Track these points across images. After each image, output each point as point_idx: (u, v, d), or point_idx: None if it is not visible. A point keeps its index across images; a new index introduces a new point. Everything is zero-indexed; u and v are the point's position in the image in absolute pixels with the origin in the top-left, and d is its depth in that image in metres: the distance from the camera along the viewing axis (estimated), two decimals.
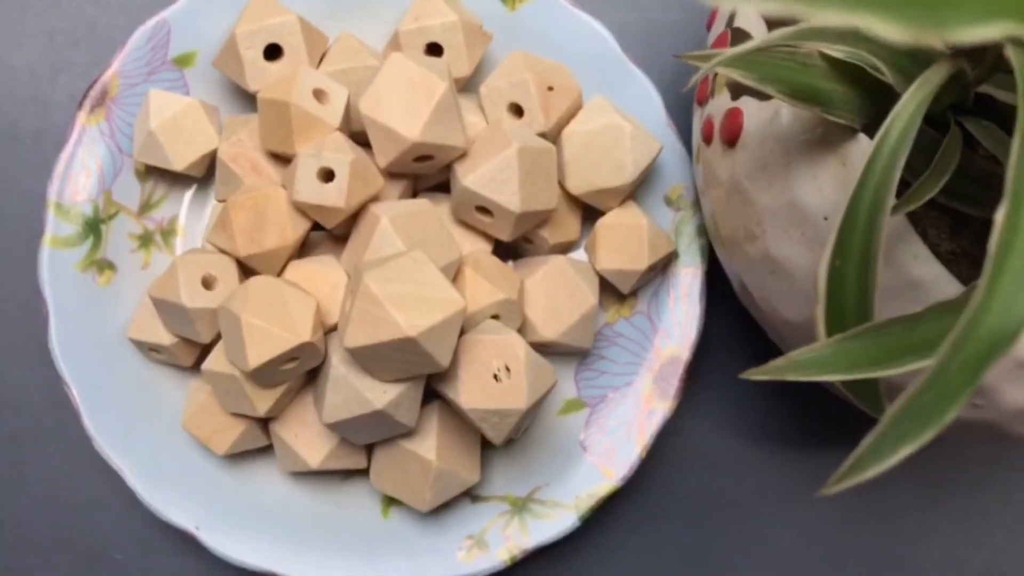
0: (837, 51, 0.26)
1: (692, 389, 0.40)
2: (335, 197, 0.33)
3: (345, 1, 0.38)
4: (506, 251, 0.39)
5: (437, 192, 0.38)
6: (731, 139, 0.32)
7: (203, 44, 0.37)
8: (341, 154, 0.33)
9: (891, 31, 0.12)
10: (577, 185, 0.37)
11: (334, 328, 0.34)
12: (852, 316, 0.25)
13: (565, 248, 0.39)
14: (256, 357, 0.31)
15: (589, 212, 0.39)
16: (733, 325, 0.41)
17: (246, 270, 0.35)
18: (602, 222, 0.38)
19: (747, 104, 0.32)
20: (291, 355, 0.32)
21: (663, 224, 0.39)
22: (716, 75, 0.34)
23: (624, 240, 0.37)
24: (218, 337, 0.34)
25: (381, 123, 0.33)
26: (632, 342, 0.39)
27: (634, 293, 0.39)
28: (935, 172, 0.26)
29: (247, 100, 0.38)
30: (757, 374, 0.23)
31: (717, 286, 0.39)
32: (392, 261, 0.31)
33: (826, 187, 0.29)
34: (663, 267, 0.39)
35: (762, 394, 0.41)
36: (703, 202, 0.36)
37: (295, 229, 0.34)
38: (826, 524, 0.40)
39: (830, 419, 0.41)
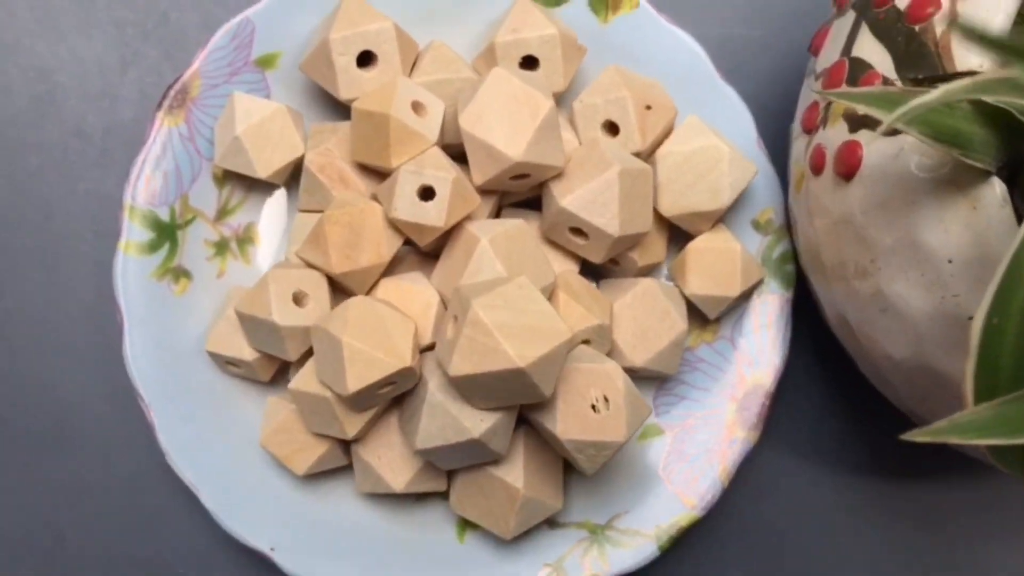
0: (992, 98, 0.25)
1: (771, 416, 0.39)
2: (435, 216, 0.32)
3: (432, 7, 0.37)
4: (591, 270, 0.38)
5: (523, 209, 0.37)
6: (848, 173, 0.31)
7: (287, 46, 0.36)
8: (443, 172, 0.32)
9: None
10: (670, 207, 0.36)
11: (427, 349, 0.33)
12: (1008, 377, 0.24)
13: (651, 269, 0.38)
14: (357, 381, 0.30)
15: (674, 233, 0.38)
16: (815, 354, 0.40)
17: (335, 287, 0.34)
18: (693, 245, 0.37)
19: (867, 137, 0.31)
20: (390, 379, 0.30)
21: (750, 247, 0.38)
22: (830, 104, 0.33)
23: (715, 265, 0.36)
24: (304, 355, 0.33)
25: (482, 140, 0.32)
26: (714, 367, 0.38)
27: (718, 319, 0.38)
28: None
29: (330, 105, 0.37)
30: (920, 436, 0.23)
31: (800, 314, 0.38)
32: (499, 288, 0.30)
33: (953, 229, 0.28)
34: (748, 294, 0.38)
35: (841, 423, 0.40)
36: (800, 229, 0.35)
37: (390, 246, 0.33)
38: (905, 552, 0.40)
39: (909, 449, 0.40)
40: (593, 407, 0.32)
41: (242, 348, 0.34)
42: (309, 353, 0.33)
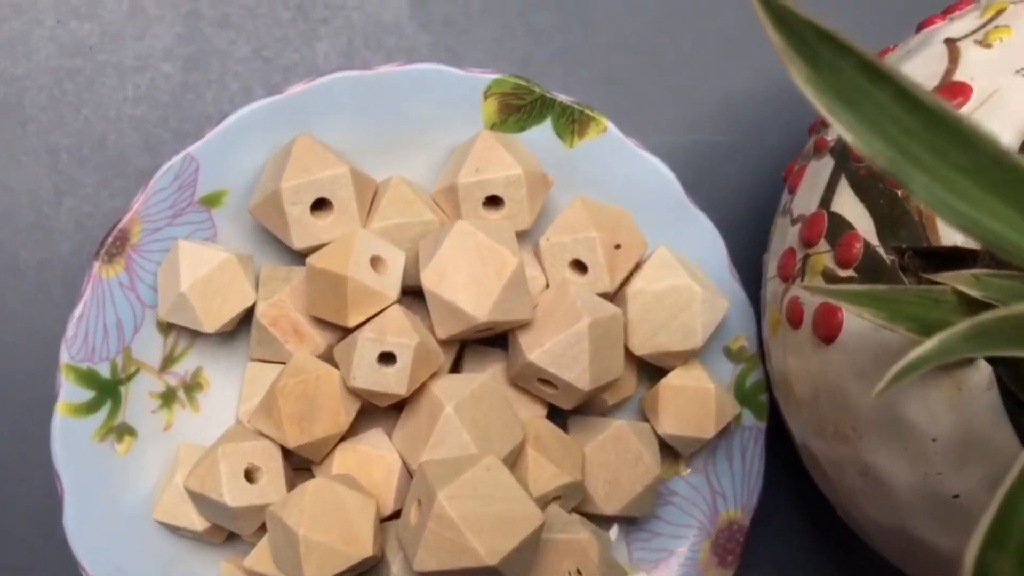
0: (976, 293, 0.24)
1: (746, 552, 0.38)
2: (396, 383, 0.30)
3: (391, 135, 0.35)
4: (560, 409, 0.36)
5: (486, 347, 0.35)
6: (827, 337, 0.30)
7: (233, 182, 0.34)
8: (405, 338, 0.30)
9: None
10: (641, 346, 0.35)
11: (388, 518, 0.31)
12: None
13: (621, 404, 0.37)
14: (316, 574, 0.28)
15: (644, 364, 0.37)
16: (791, 482, 0.39)
17: (289, 454, 0.32)
18: (666, 383, 0.35)
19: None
20: (352, 570, 0.29)
21: (722, 375, 0.37)
22: (808, 256, 0.32)
23: (689, 404, 0.35)
24: (260, 528, 0.31)
25: (446, 299, 0.30)
26: (687, 502, 0.37)
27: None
28: None
29: (283, 245, 0.35)
30: None
31: (776, 441, 0.37)
32: (466, 474, 0.28)
33: (938, 410, 0.27)
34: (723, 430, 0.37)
35: (820, 557, 0.39)
36: (775, 364, 0.34)
37: (347, 414, 0.31)
38: None
39: None
40: None
41: (192, 519, 0.32)
42: (264, 527, 0.31)
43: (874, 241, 0.29)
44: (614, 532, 0.37)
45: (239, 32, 0.37)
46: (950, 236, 0.27)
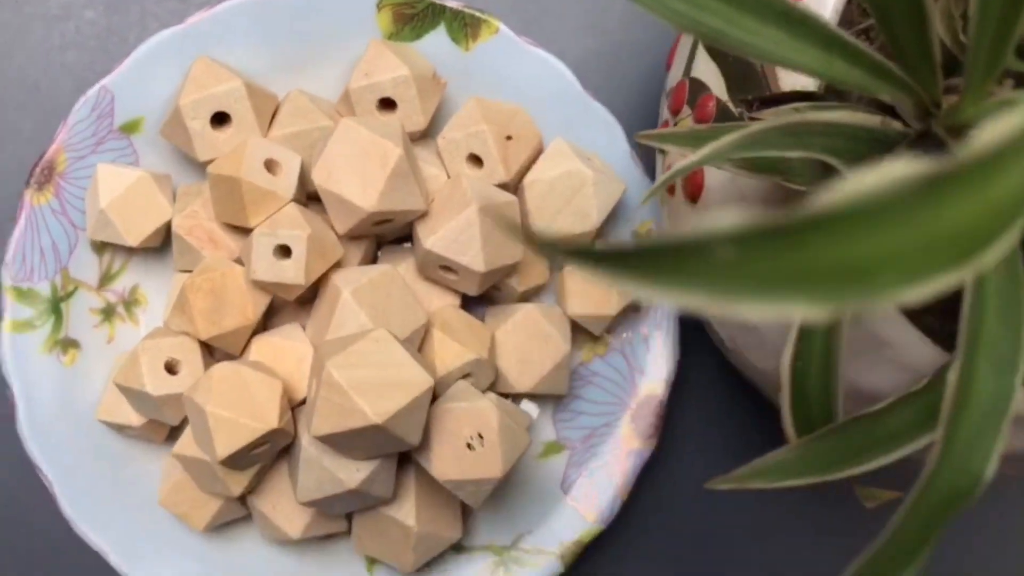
0: (791, 152, 0.26)
1: (672, 424, 0.40)
2: (293, 274, 0.32)
3: (295, 54, 0.37)
4: (475, 299, 0.38)
5: (401, 245, 0.37)
6: (693, 196, 0.31)
7: (148, 109, 0.36)
8: (297, 230, 0.32)
9: (816, 312, 0.11)
10: None
11: (302, 403, 0.34)
12: (817, 413, 0.24)
13: (534, 292, 0.38)
14: (224, 448, 0.31)
15: None
16: (709, 357, 0.41)
17: (211, 349, 0.34)
18: (569, 267, 0.37)
19: None
20: (260, 442, 0.31)
21: None
22: (676, 124, 0.33)
23: (592, 285, 0.37)
24: (187, 419, 0.34)
25: (336, 194, 0.33)
26: (608, 381, 0.39)
27: (608, 330, 0.39)
28: None
29: (199, 164, 0.37)
30: (721, 483, 0.23)
31: (690, 318, 0.38)
32: (354, 345, 0.30)
33: None
34: (635, 304, 0.38)
35: (738, 424, 0.41)
36: None
37: (255, 306, 0.33)
38: (816, 550, 0.41)
39: None
40: (468, 445, 0.33)
41: (129, 415, 0.34)
42: None
43: (724, 96, 0.30)
44: (534, 409, 0.38)
45: None
46: (790, 82, 0.29)
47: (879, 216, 0.11)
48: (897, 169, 0.11)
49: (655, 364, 0.38)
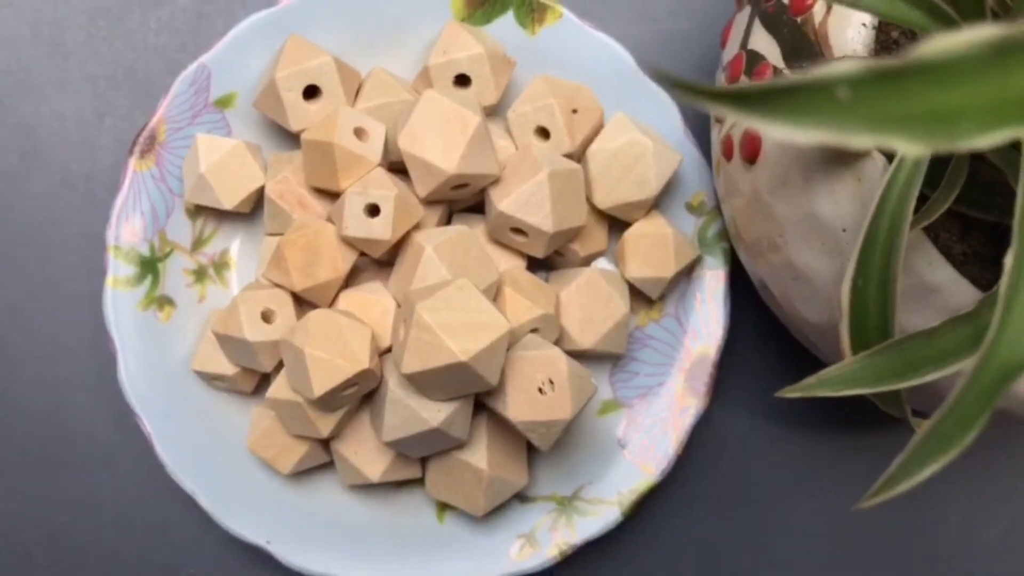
0: None
1: (722, 384, 0.43)
2: (381, 230, 0.35)
3: (374, 36, 0.40)
4: (539, 265, 0.41)
5: (471, 213, 0.40)
6: (751, 157, 0.34)
7: (241, 85, 0.39)
8: (385, 190, 0.35)
9: (913, 148, 0.14)
10: (604, 200, 0.39)
11: (387, 351, 0.36)
12: (875, 331, 0.27)
13: (594, 258, 0.41)
14: (321, 386, 0.33)
15: (615, 223, 0.41)
16: (758, 321, 0.43)
17: (301, 302, 0.37)
18: (629, 233, 0.40)
19: None
20: (352, 382, 0.34)
21: (686, 229, 0.41)
22: None
23: (651, 249, 0.39)
24: (279, 366, 0.37)
25: (420, 158, 0.35)
26: (662, 343, 0.41)
27: (662, 297, 0.41)
28: (947, 186, 0.28)
29: (286, 136, 0.40)
30: (791, 392, 0.26)
31: (740, 285, 0.41)
32: (441, 291, 0.33)
33: (843, 201, 0.31)
34: (688, 272, 0.41)
35: (785, 382, 0.43)
36: (725, 209, 0.38)
37: (345, 261, 0.36)
38: (858, 499, 0.43)
39: (854, 405, 0.43)
40: (540, 390, 0.35)
41: (223, 364, 0.37)
42: (283, 364, 0.37)
43: (780, 65, 0.33)
44: (601, 376, 0.41)
45: None
46: (841, 47, 0.31)
47: (960, 72, 0.14)
48: (975, 33, 0.14)
49: (707, 327, 0.40)
